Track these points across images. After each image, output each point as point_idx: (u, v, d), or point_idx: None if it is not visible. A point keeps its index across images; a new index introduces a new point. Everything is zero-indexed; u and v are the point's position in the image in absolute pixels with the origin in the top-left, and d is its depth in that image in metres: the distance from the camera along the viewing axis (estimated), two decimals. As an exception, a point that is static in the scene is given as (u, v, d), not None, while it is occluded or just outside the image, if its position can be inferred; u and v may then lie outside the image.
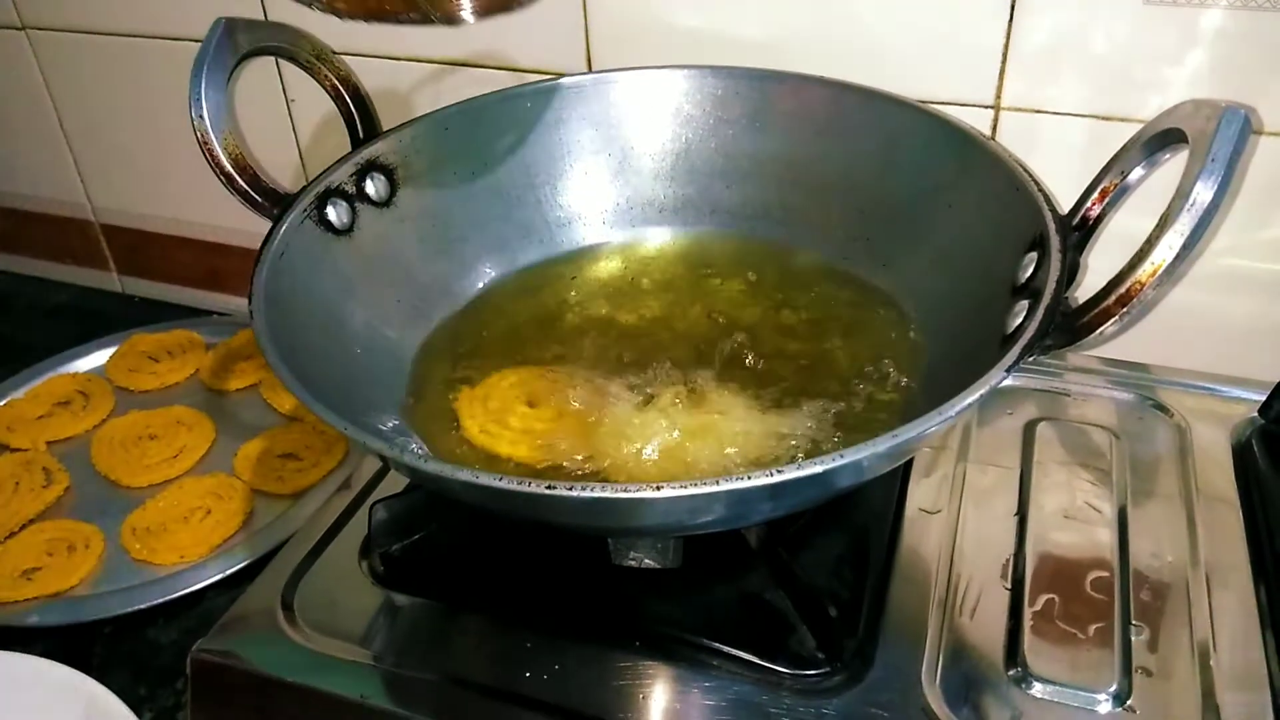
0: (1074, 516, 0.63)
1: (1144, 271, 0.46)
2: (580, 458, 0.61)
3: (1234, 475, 0.66)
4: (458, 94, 0.75)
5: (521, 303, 0.74)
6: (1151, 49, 0.67)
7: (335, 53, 0.71)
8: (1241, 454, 0.68)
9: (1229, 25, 0.64)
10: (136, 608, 0.72)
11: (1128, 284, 0.46)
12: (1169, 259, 0.45)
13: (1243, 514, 0.64)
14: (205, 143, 0.61)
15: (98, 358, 1.00)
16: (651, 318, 0.72)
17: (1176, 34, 0.66)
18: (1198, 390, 0.73)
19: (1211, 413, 0.71)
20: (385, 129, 0.72)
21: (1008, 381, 0.47)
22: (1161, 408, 0.72)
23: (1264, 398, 0.70)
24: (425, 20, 0.63)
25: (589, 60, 0.82)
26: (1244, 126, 0.46)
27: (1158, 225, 0.46)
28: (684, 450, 0.60)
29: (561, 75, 0.77)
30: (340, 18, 0.63)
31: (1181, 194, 0.45)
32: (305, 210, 0.64)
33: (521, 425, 0.63)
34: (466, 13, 0.63)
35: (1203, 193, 0.45)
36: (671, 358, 0.67)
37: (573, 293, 0.75)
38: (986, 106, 0.73)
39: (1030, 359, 0.48)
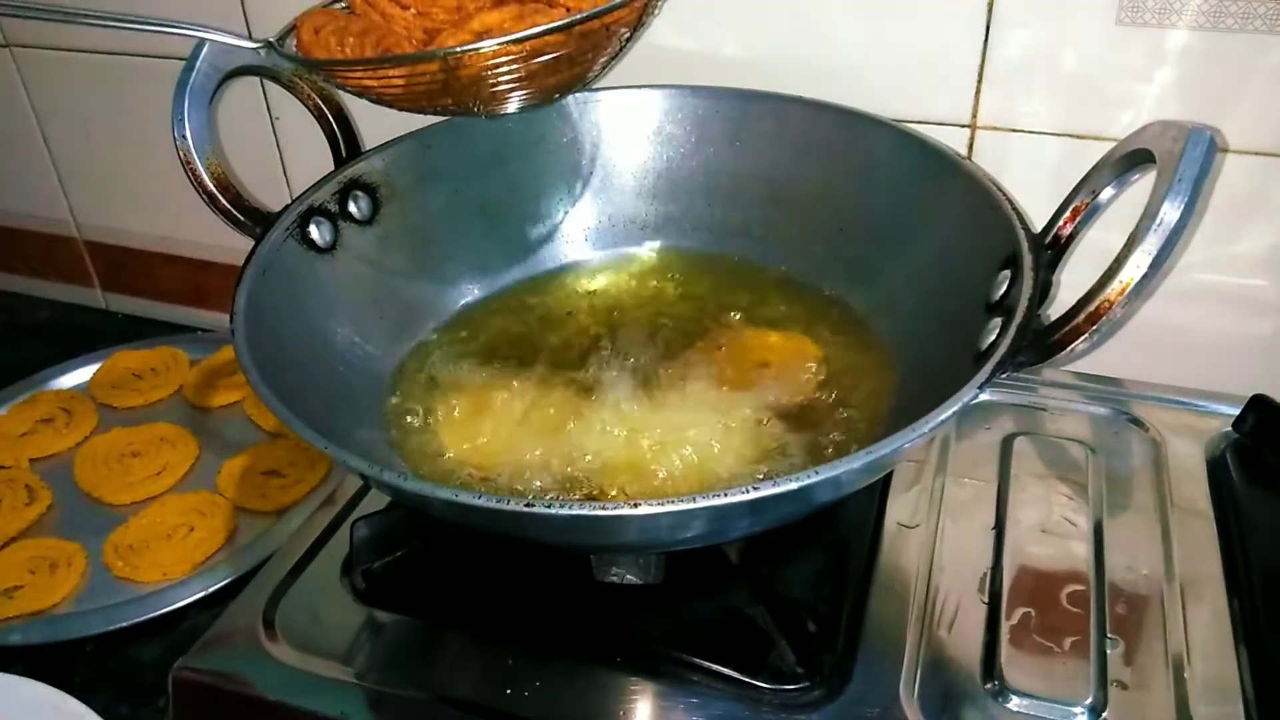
0: (1051, 530, 0.64)
1: (1113, 290, 0.47)
2: (564, 468, 0.61)
3: (1208, 489, 0.67)
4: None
5: (503, 319, 0.74)
6: (1121, 67, 0.68)
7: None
8: (1216, 467, 0.69)
9: (1196, 44, 0.66)
10: (119, 625, 0.72)
11: (1097, 302, 0.47)
12: (1137, 277, 0.46)
13: (1217, 527, 0.64)
14: (188, 163, 0.62)
15: (81, 374, 1.00)
16: (632, 332, 0.72)
17: (1145, 53, 0.67)
18: (1172, 405, 0.74)
19: (1186, 427, 0.72)
20: (368, 148, 0.73)
21: (985, 396, 0.48)
22: (1137, 422, 0.73)
23: (1238, 411, 0.71)
24: (471, 114, 0.64)
25: (571, 79, 0.82)
26: (1210, 147, 0.47)
27: (1126, 244, 0.47)
28: (660, 462, 0.61)
29: (544, 94, 0.78)
30: (389, 107, 0.64)
31: (1149, 214, 0.46)
32: (288, 229, 0.64)
33: (504, 438, 0.64)
34: (513, 108, 0.64)
35: (1170, 212, 0.46)
36: (652, 371, 0.68)
37: (554, 308, 0.75)
38: (963, 125, 0.74)
39: (1005, 375, 0.49)
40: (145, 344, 1.03)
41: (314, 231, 0.66)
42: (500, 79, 0.60)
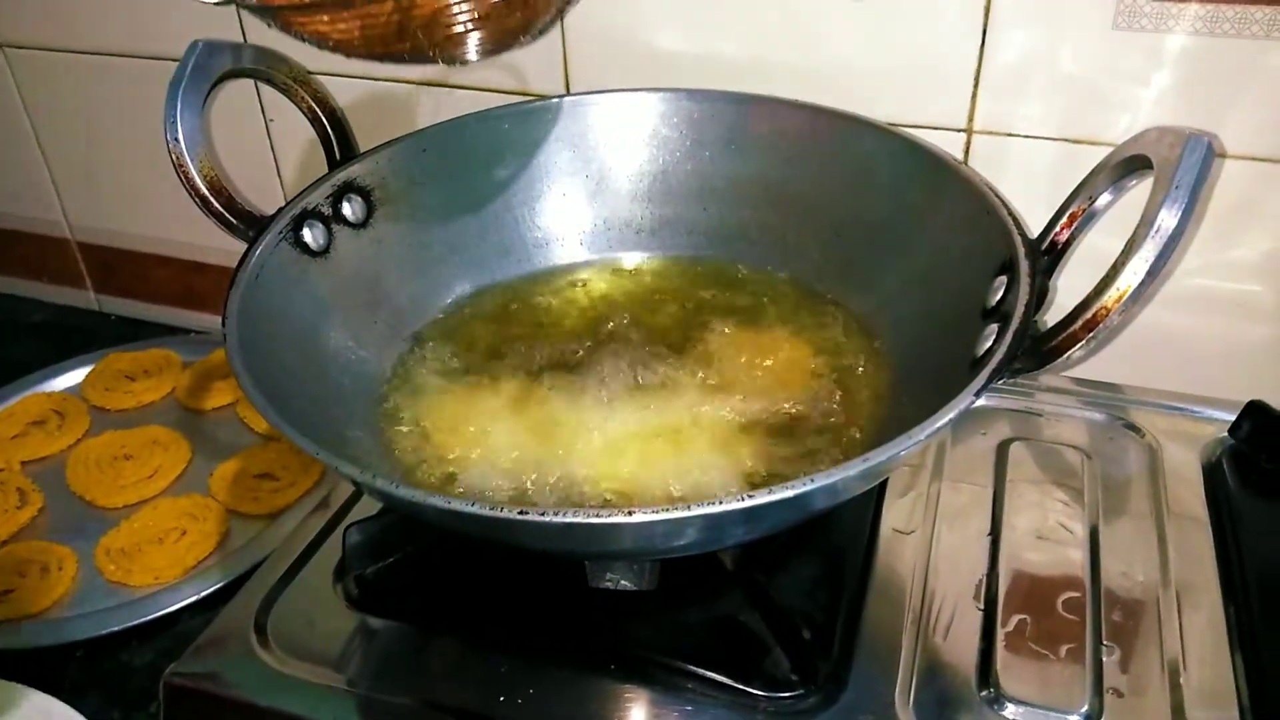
0: (1046, 536, 0.64)
1: (1110, 297, 0.46)
2: (557, 472, 0.61)
3: (1204, 495, 0.67)
4: (435, 115, 0.75)
5: (497, 323, 0.74)
6: (1119, 72, 0.68)
7: (312, 74, 0.71)
8: (1212, 473, 0.69)
9: (1193, 49, 0.66)
10: (110, 630, 0.72)
11: (1094, 309, 0.47)
12: (1134, 284, 0.46)
13: (1213, 533, 0.64)
14: (180, 165, 0.61)
15: (73, 376, 0.99)
16: (627, 336, 0.72)
17: (1143, 57, 0.67)
18: (1169, 410, 0.74)
19: (1182, 433, 0.72)
20: (362, 151, 0.72)
21: (981, 402, 0.48)
22: (1133, 428, 0.73)
23: (1234, 417, 0.71)
24: (429, 60, 0.63)
25: (567, 82, 0.82)
26: (1207, 154, 0.46)
27: (1123, 251, 0.47)
28: (653, 467, 0.61)
29: (540, 97, 0.78)
30: (347, 56, 0.63)
31: (1146, 220, 0.46)
32: (281, 232, 0.64)
33: (497, 442, 0.63)
34: (470, 54, 0.63)
35: (1167, 219, 0.46)
36: (646, 375, 0.68)
37: (549, 312, 0.75)
38: (959, 130, 0.73)
39: (1001, 381, 0.49)
40: (138, 346, 1.03)
41: (307, 235, 0.66)
42: (455, 19, 0.59)
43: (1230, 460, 0.69)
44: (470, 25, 0.60)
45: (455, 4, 0.59)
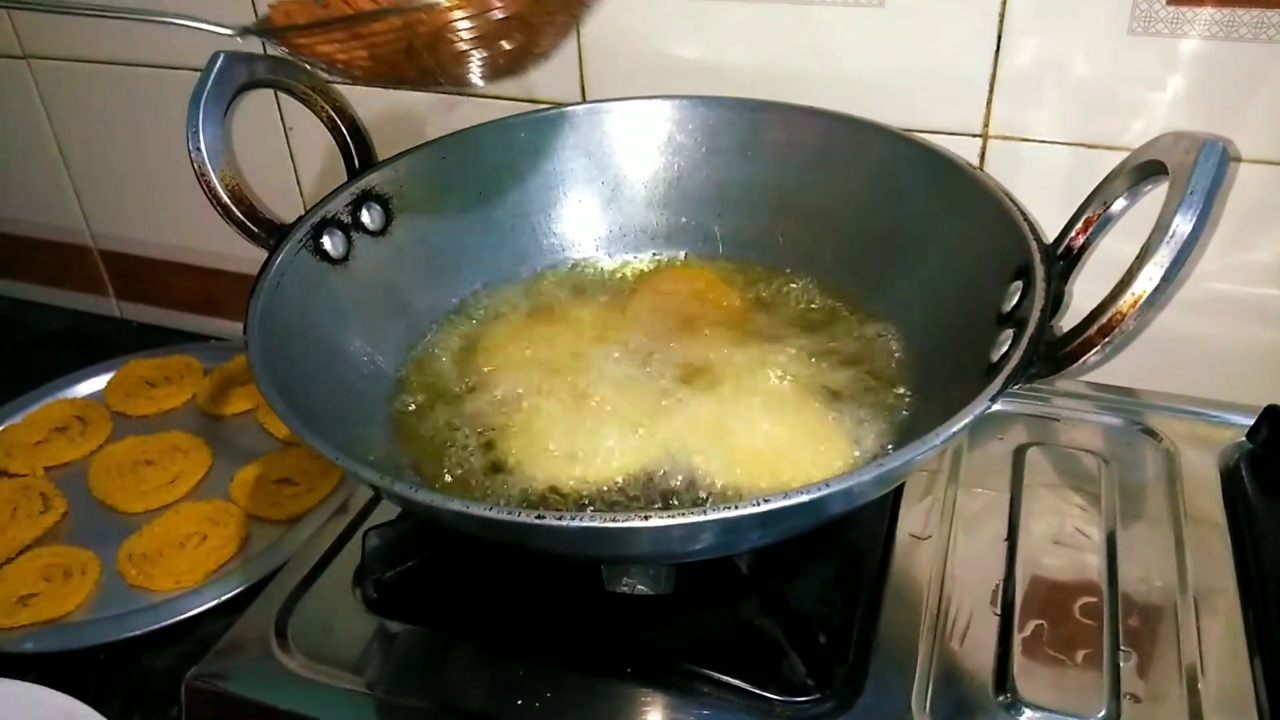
0: (1063, 541, 0.64)
1: (1125, 302, 0.46)
2: (574, 476, 0.61)
3: (1222, 499, 0.67)
4: (452, 124, 0.76)
5: (513, 329, 0.74)
6: (1134, 76, 0.68)
7: (331, 83, 0.72)
8: (1230, 478, 0.68)
9: (1208, 53, 0.66)
10: (132, 634, 0.73)
11: (1109, 314, 0.47)
12: (1149, 289, 0.46)
13: (1231, 538, 0.64)
14: (202, 174, 0.62)
15: (95, 383, 1.00)
16: (639, 341, 0.72)
17: (1158, 61, 0.67)
18: (1186, 415, 0.74)
19: (1200, 437, 0.72)
20: (381, 159, 0.73)
21: (997, 406, 0.48)
22: (1150, 432, 0.72)
23: (1252, 422, 0.71)
24: (436, 83, 0.64)
25: (583, 90, 0.83)
26: (1222, 159, 0.46)
27: (1139, 256, 0.47)
28: (664, 467, 0.61)
29: (556, 105, 0.78)
30: (353, 82, 0.63)
31: (1161, 226, 0.46)
32: (301, 240, 0.65)
33: (513, 446, 0.64)
34: (475, 76, 0.63)
35: (1182, 224, 0.46)
36: (659, 379, 0.68)
37: (564, 318, 0.75)
38: (975, 135, 0.73)
39: (1017, 386, 0.49)
40: (159, 352, 1.04)
41: (327, 242, 0.67)
42: (459, 36, 0.59)
43: (1248, 465, 0.69)
44: (473, 43, 0.60)
45: (458, 19, 0.59)
